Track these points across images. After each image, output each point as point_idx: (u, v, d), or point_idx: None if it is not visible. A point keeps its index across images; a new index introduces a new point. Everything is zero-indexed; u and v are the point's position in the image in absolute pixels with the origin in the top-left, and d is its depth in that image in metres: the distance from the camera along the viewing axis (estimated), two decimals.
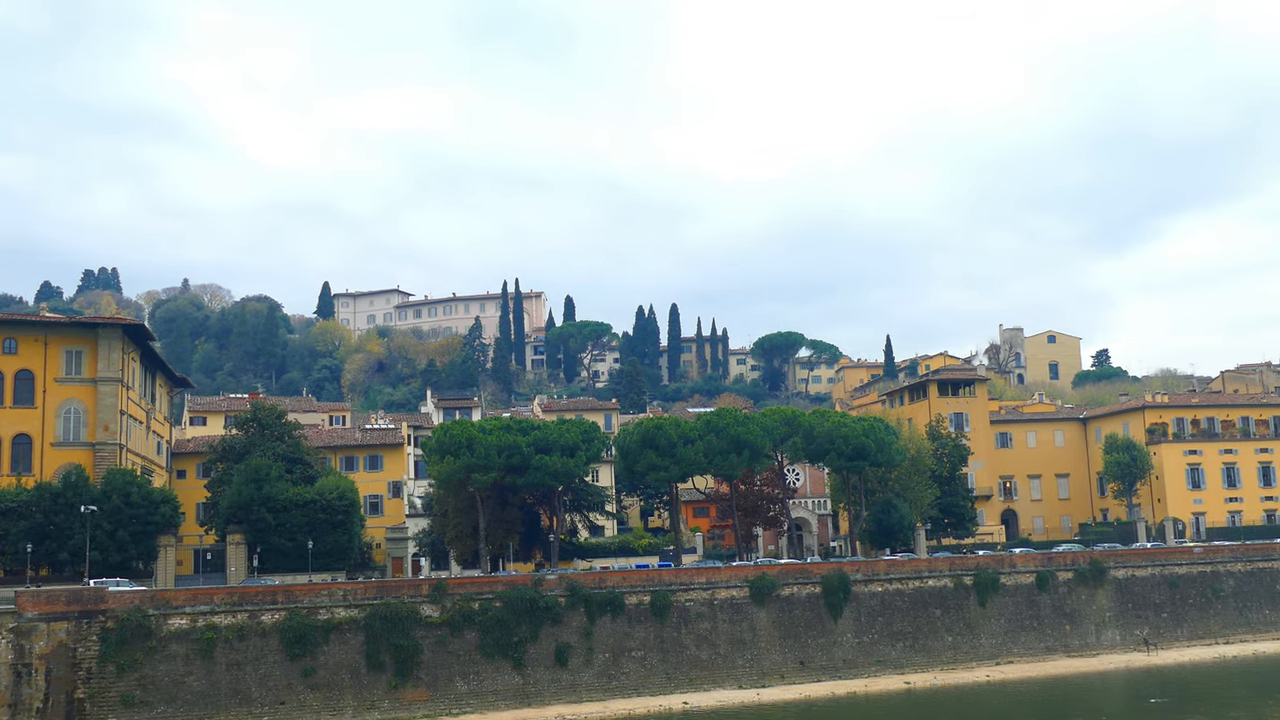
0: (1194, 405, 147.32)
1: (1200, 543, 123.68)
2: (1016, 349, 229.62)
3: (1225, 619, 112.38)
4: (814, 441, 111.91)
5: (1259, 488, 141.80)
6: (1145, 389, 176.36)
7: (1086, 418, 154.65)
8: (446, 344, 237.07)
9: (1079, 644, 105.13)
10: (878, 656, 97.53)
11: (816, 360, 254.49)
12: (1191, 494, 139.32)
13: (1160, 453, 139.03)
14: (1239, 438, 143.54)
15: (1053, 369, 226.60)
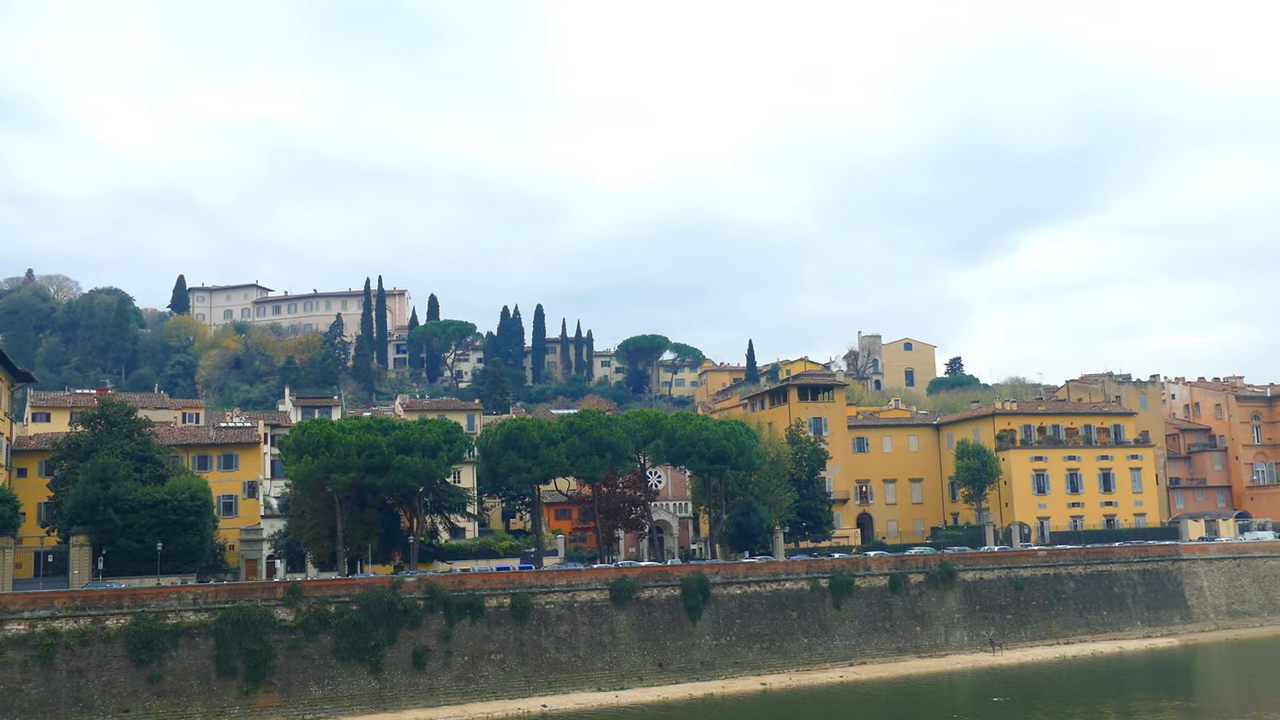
0: (1041, 413, 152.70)
1: (1044, 546, 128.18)
2: (875, 355, 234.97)
3: (1066, 620, 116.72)
4: (676, 444, 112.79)
5: (1099, 493, 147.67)
6: (996, 397, 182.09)
7: (940, 424, 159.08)
8: (307, 341, 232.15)
9: (929, 645, 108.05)
10: (735, 658, 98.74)
11: (680, 363, 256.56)
12: (1037, 499, 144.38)
13: (1008, 459, 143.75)
14: (1082, 445, 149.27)
15: (909, 376, 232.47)
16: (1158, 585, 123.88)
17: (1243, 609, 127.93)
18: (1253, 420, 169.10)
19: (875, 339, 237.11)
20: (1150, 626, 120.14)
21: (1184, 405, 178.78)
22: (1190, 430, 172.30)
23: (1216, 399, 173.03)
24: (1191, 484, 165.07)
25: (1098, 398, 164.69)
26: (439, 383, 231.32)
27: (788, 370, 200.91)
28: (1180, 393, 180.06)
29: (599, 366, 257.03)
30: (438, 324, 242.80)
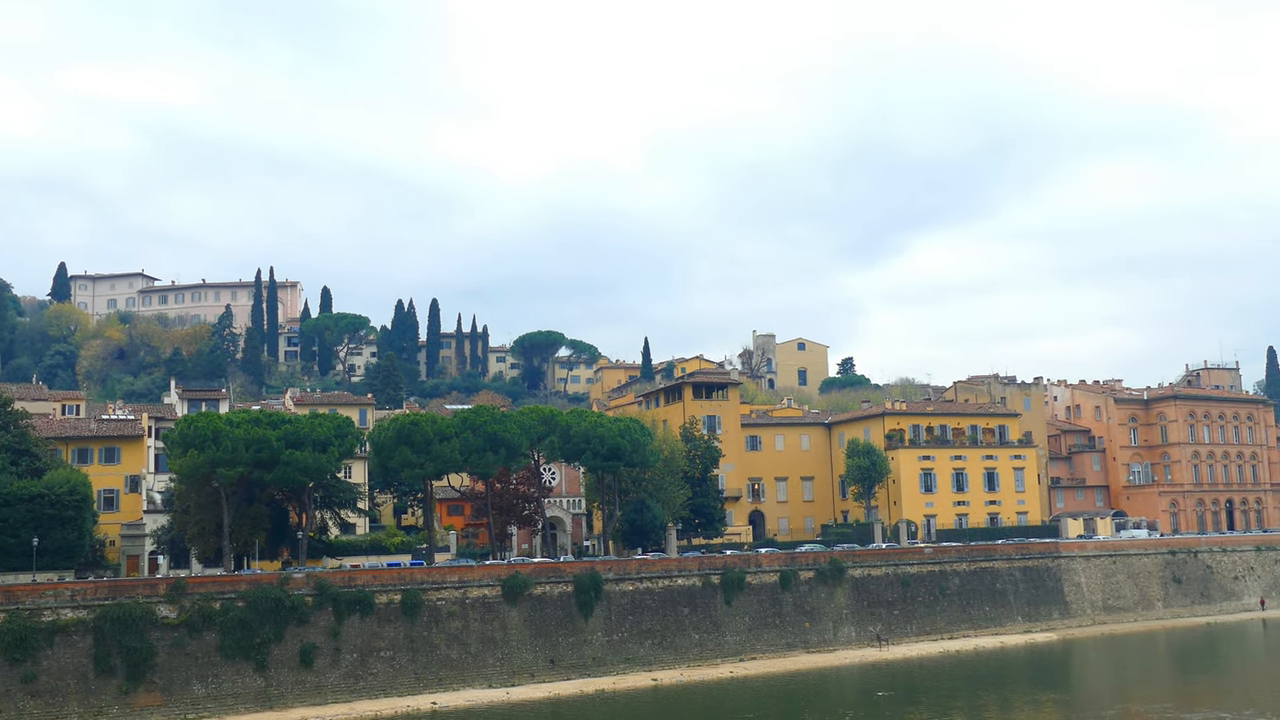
0: (929, 414, 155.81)
1: (930, 544, 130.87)
2: (769, 355, 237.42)
3: (950, 615, 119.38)
4: (571, 441, 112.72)
5: (984, 492, 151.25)
6: (886, 397, 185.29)
7: (831, 423, 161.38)
8: (194, 332, 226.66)
9: (818, 640, 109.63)
10: (627, 654, 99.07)
11: (576, 360, 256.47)
12: (924, 497, 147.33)
13: (897, 458, 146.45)
14: (968, 445, 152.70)
15: (802, 375, 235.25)
16: (1038, 582, 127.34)
17: (1118, 604, 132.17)
18: (1130, 422, 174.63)
19: (769, 338, 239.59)
20: (1030, 622, 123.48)
21: (1066, 407, 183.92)
22: (1071, 431, 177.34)
23: (1096, 401, 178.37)
24: (1072, 483, 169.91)
25: (984, 399, 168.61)
26: (331, 376, 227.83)
27: (683, 368, 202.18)
28: (1062, 395, 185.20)
29: (494, 362, 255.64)
30: (330, 317, 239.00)
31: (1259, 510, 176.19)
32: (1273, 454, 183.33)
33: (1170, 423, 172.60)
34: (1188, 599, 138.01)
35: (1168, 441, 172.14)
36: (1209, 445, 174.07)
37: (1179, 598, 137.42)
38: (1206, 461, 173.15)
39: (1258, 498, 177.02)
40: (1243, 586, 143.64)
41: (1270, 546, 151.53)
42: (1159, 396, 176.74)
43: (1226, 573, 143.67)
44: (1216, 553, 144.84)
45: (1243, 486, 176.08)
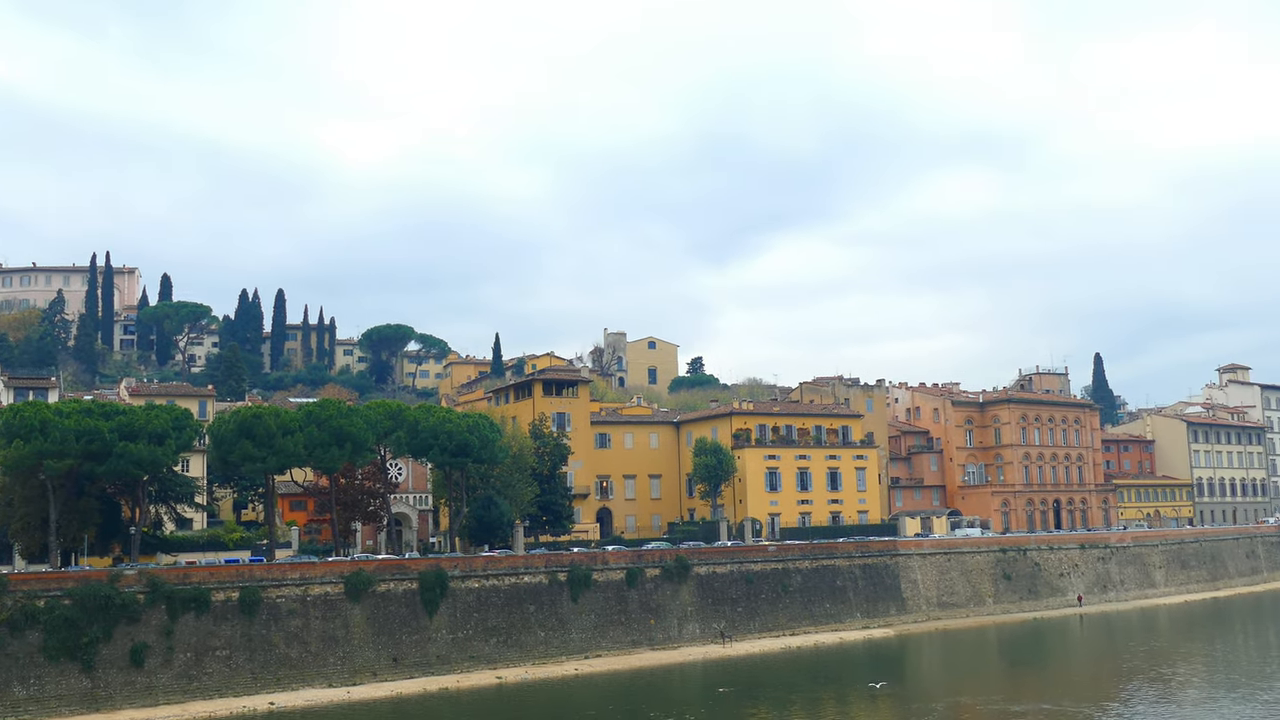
0: (775, 414, 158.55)
1: (774, 542, 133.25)
2: (619, 353, 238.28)
3: (792, 612, 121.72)
4: (418, 436, 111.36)
5: (827, 491, 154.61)
6: (734, 396, 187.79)
7: (680, 422, 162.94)
8: (22, 317, 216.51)
9: (663, 637, 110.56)
10: (472, 652, 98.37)
11: (425, 355, 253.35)
12: (769, 496, 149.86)
13: (744, 457, 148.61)
14: (812, 445, 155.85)
15: (652, 374, 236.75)
16: (877, 579, 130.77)
17: (951, 600, 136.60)
18: (966, 424, 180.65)
19: (620, 336, 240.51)
20: (869, 618, 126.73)
21: (906, 409, 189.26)
22: (911, 433, 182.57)
23: (935, 403, 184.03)
24: (910, 483, 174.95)
25: (829, 400, 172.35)
26: (170, 367, 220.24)
27: (533, 365, 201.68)
28: (903, 397, 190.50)
29: (341, 355, 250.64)
30: (170, 305, 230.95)
31: (1084, 510, 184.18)
32: (1097, 456, 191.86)
33: (1004, 425, 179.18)
34: (1017, 595, 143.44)
35: (1001, 443, 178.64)
36: (1039, 447, 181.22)
37: (1009, 594, 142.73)
38: (1036, 463, 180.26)
39: (1083, 498, 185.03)
40: (1067, 583, 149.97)
41: (1093, 545, 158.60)
42: (993, 400, 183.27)
43: (1053, 570, 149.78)
44: (1044, 551, 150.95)
45: (1069, 487, 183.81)
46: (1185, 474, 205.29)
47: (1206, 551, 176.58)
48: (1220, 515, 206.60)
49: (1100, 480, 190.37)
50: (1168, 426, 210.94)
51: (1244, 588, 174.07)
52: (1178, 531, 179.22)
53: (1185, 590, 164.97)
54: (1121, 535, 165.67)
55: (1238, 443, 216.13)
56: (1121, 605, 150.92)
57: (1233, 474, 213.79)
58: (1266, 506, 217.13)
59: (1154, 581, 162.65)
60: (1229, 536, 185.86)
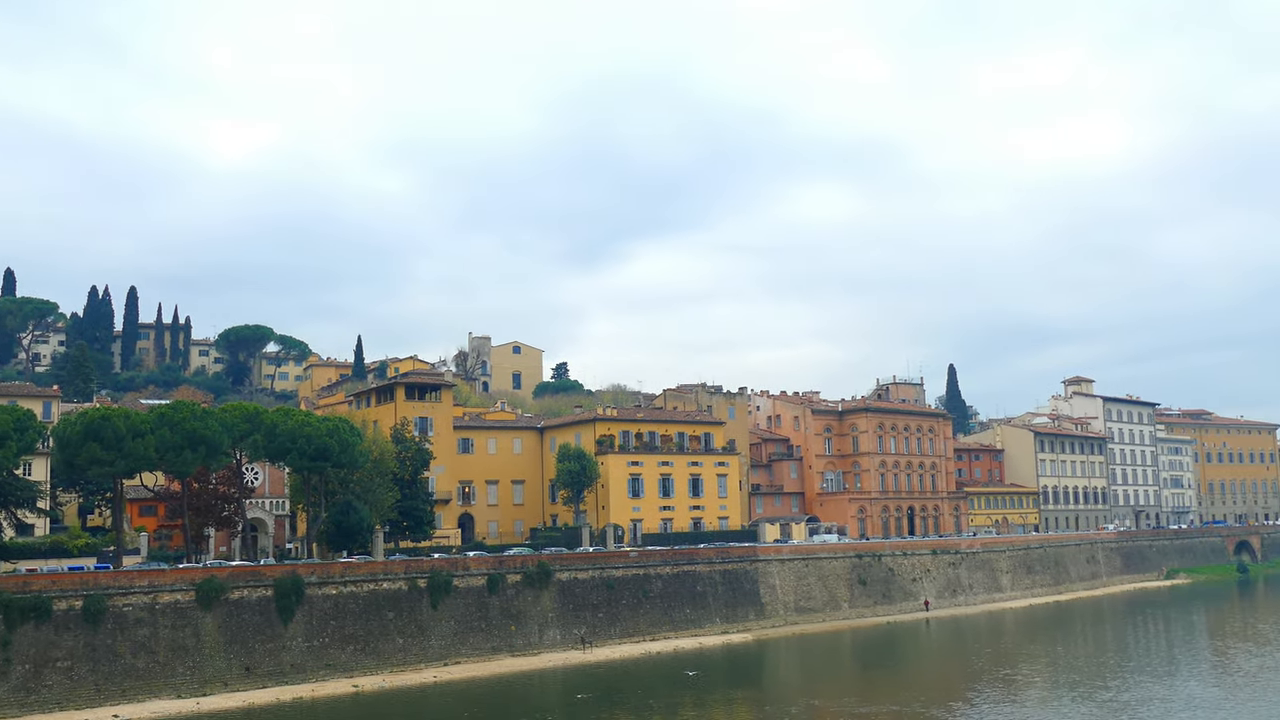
0: (639, 420, 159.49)
1: (636, 547, 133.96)
2: (484, 357, 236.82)
3: (653, 618, 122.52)
4: (276, 440, 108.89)
5: (689, 497, 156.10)
6: (598, 402, 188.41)
7: (543, 427, 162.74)
8: None
9: (523, 643, 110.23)
10: (328, 660, 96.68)
11: (285, 357, 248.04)
12: (632, 502, 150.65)
13: (607, 463, 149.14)
14: (675, 451, 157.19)
15: (516, 379, 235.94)
16: (736, 584, 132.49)
17: (809, 605, 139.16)
18: (825, 432, 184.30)
19: (485, 340, 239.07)
20: (728, 623, 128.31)
21: (768, 416, 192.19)
22: (772, 440, 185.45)
23: (795, 411, 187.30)
24: (771, 490, 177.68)
25: (692, 407, 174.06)
26: (12, 365, 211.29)
27: (396, 368, 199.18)
28: (765, 405, 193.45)
29: (197, 356, 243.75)
30: (13, 300, 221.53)
31: (936, 516, 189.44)
32: (949, 464, 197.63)
33: (861, 434, 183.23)
34: (871, 600, 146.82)
35: (858, 451, 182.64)
36: (895, 455, 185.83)
37: (864, 599, 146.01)
38: (892, 471, 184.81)
39: (935, 505, 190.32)
40: (920, 588, 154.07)
41: (945, 550, 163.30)
42: (852, 408, 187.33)
43: (906, 575, 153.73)
44: (898, 556, 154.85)
45: (923, 494, 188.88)
46: (1032, 482, 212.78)
47: (1050, 557, 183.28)
48: (1064, 522, 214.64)
49: (952, 488, 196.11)
50: (1016, 436, 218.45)
51: (1084, 592, 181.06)
52: (1024, 538, 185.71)
53: (1030, 594, 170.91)
54: (971, 541, 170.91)
55: (1081, 452, 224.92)
56: (970, 609, 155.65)
57: (1076, 482, 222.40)
58: (1106, 514, 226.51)
59: (1001, 586, 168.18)
60: (1071, 543, 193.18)
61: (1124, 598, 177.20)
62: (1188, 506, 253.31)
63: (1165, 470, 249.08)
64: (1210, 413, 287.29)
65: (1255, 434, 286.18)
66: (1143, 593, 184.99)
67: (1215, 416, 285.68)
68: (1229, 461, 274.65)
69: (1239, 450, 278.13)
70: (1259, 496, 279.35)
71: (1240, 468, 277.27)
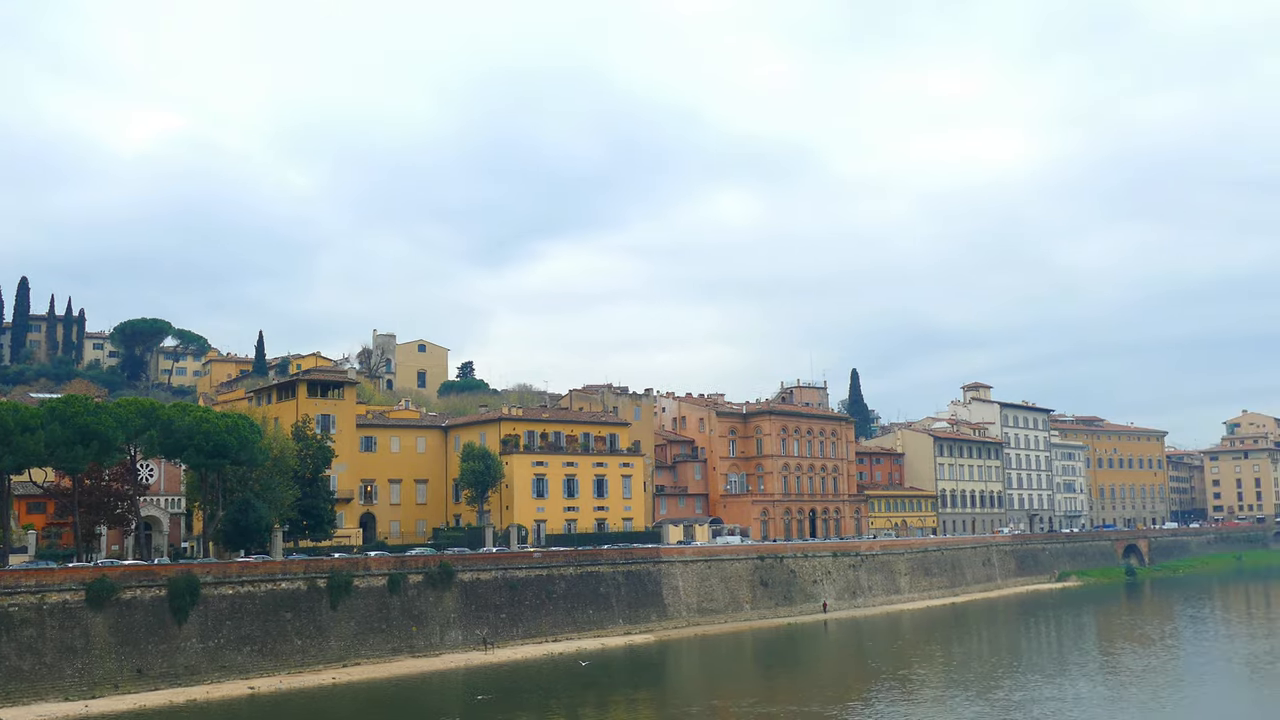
0: (544, 420, 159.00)
1: (540, 548, 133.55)
2: (389, 355, 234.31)
3: (556, 619, 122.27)
4: (173, 436, 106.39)
5: (593, 498, 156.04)
6: (504, 402, 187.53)
7: (448, 426, 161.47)
8: None
9: (424, 644, 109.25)
10: (223, 662, 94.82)
11: (184, 351, 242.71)
12: (536, 502, 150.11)
13: (511, 463, 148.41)
14: (580, 452, 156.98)
15: (421, 377, 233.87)
16: (640, 585, 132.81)
17: (711, 606, 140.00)
18: (730, 434, 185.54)
19: (390, 338, 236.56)
20: (631, 624, 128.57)
21: (673, 418, 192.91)
22: (677, 442, 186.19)
23: (701, 413, 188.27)
24: (675, 491, 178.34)
25: (598, 407, 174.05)
26: None
27: (298, 365, 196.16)
28: (670, 406, 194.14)
29: (91, 349, 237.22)
30: None
31: (837, 519, 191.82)
32: (851, 467, 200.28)
33: (765, 436, 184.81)
34: (773, 601, 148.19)
35: (762, 454, 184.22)
36: (798, 458, 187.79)
37: (765, 600, 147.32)
38: (795, 473, 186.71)
39: (836, 507, 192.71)
40: (820, 590, 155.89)
41: (845, 553, 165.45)
42: (756, 411, 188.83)
43: (807, 577, 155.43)
44: (800, 558, 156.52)
45: (825, 497, 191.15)
46: (931, 486, 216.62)
47: (948, 560, 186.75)
48: (961, 525, 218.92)
49: (854, 491, 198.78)
50: (916, 440, 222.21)
51: (980, 594, 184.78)
52: (922, 541, 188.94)
53: (928, 596, 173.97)
54: (871, 544, 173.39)
55: (978, 457, 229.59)
56: (870, 610, 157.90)
57: (973, 486, 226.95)
58: (1001, 517, 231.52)
59: (900, 588, 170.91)
60: (968, 545, 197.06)
61: (1017, 599, 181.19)
62: (1079, 510, 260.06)
63: (1059, 475, 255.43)
64: (1102, 419, 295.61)
65: (1144, 440, 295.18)
66: (1035, 595, 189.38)
67: (1107, 423, 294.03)
68: (1119, 467, 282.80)
69: (1129, 456, 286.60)
70: (1147, 501, 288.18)
71: (1130, 473, 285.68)
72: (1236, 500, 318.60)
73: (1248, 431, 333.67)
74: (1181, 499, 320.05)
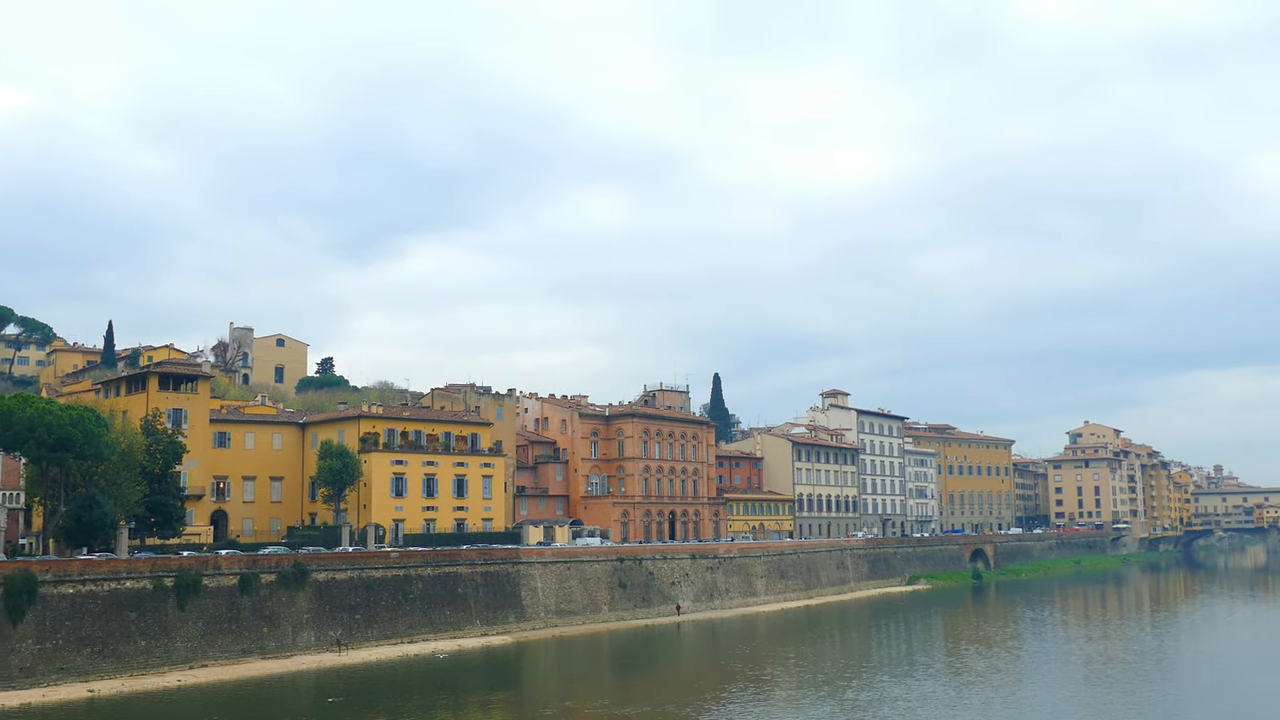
0: (405, 418, 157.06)
1: (397, 548, 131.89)
2: (246, 349, 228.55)
3: (412, 619, 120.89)
4: (11, 428, 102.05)
5: (453, 498, 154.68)
6: (364, 399, 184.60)
7: (306, 423, 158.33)
8: None
9: (276, 645, 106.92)
10: (62, 664, 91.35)
11: (26, 340, 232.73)
12: (395, 501, 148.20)
13: (370, 461, 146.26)
14: (441, 451, 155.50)
15: (279, 372, 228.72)
16: (498, 586, 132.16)
17: (569, 608, 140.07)
18: (592, 436, 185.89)
19: (248, 331, 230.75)
20: (488, 625, 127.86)
21: (535, 419, 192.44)
22: (538, 442, 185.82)
23: (563, 415, 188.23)
24: (536, 492, 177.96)
25: (460, 407, 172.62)
26: None
27: (150, 357, 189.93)
28: (533, 407, 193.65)
29: None
30: None
31: (696, 522, 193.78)
32: (711, 471, 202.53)
33: (627, 438, 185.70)
34: (631, 603, 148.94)
35: (624, 456, 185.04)
36: (659, 461, 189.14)
37: (624, 602, 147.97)
38: (655, 476, 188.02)
39: (696, 510, 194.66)
40: (678, 592, 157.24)
41: (703, 555, 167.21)
42: (619, 413, 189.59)
43: (665, 579, 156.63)
44: (658, 560, 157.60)
45: (684, 500, 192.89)
46: (789, 490, 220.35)
47: (803, 563, 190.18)
48: (817, 529, 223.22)
49: (713, 494, 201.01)
50: (775, 445, 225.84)
51: (833, 596, 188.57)
52: (779, 544, 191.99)
53: (783, 599, 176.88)
54: (729, 547, 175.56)
55: (835, 462, 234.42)
56: (726, 612, 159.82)
57: (829, 491, 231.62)
58: (856, 522, 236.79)
59: (756, 590, 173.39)
60: (823, 549, 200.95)
61: (869, 602, 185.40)
62: (930, 515, 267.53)
63: (911, 481, 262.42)
64: (954, 427, 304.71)
65: (993, 448, 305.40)
66: (886, 597, 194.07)
67: (958, 431, 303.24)
68: (969, 474, 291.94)
69: (978, 463, 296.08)
70: (994, 507, 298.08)
71: (978, 480, 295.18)
72: (1077, 507, 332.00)
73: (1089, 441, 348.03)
74: (1026, 505, 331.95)
